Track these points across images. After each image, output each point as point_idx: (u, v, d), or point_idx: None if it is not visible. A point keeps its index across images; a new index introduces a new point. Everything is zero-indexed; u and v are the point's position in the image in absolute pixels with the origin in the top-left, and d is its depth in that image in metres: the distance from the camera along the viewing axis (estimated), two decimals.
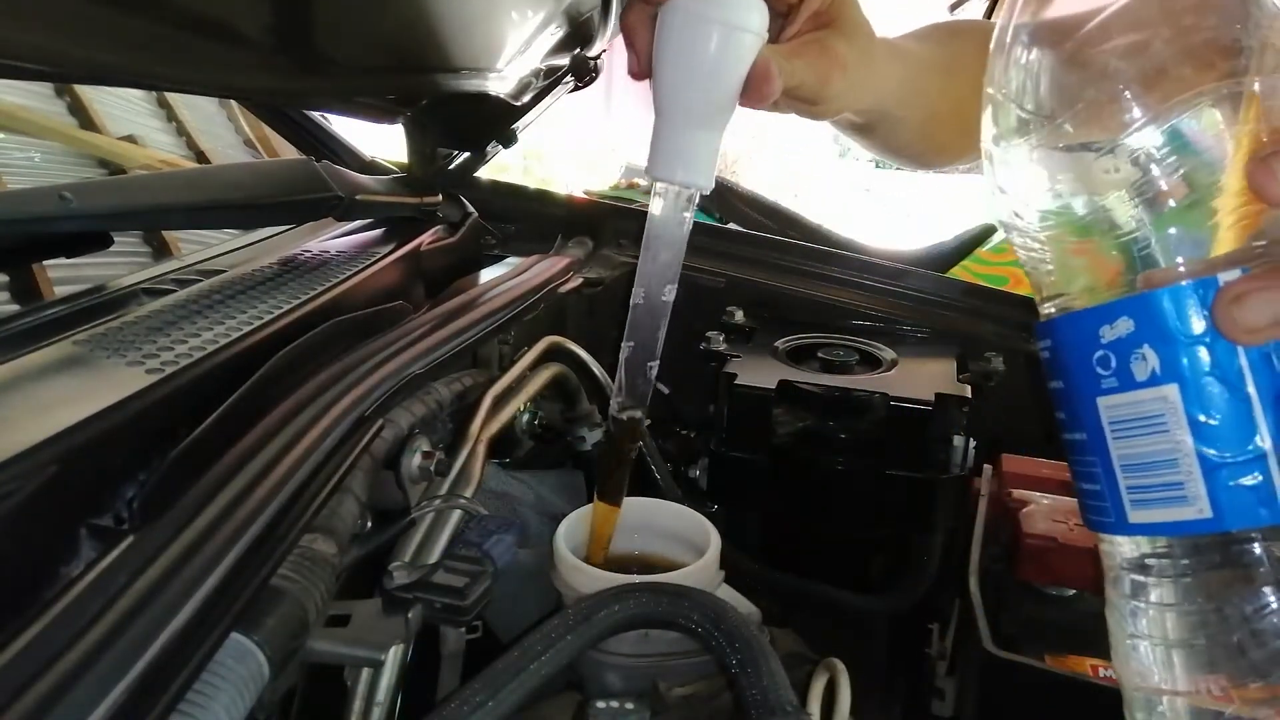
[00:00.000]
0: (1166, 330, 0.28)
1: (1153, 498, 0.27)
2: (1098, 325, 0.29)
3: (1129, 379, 0.28)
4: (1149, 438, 0.28)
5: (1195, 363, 0.27)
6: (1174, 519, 0.27)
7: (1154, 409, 0.28)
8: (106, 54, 0.47)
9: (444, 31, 0.74)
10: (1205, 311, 0.27)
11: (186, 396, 0.45)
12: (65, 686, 0.30)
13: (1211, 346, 0.27)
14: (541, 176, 5.15)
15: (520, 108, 0.90)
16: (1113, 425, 0.29)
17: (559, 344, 0.81)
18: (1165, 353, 0.28)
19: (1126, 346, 0.28)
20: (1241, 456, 0.26)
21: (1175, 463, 0.27)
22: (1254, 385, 0.27)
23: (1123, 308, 0.29)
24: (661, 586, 0.49)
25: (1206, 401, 0.27)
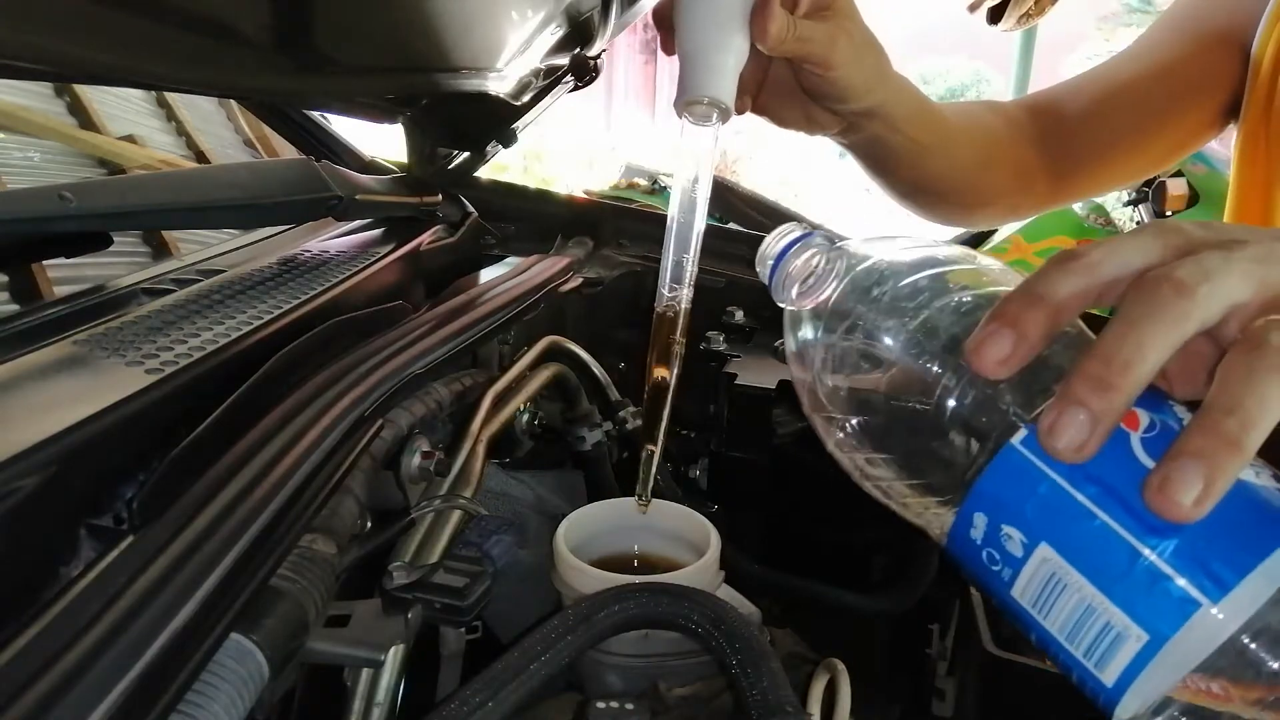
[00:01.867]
0: (1006, 504, 0.29)
1: (1104, 651, 0.27)
2: (967, 532, 0.30)
3: (1014, 560, 0.29)
4: (1061, 598, 0.28)
5: (1044, 516, 0.28)
6: (1129, 659, 0.27)
7: (1046, 572, 0.28)
8: (106, 54, 0.47)
9: (444, 31, 0.74)
10: (1023, 466, 0.28)
11: (186, 396, 0.45)
12: (65, 687, 0.30)
13: (1047, 496, 0.28)
14: (541, 176, 5.16)
15: (520, 107, 0.90)
16: (1035, 608, 0.29)
17: (559, 344, 0.81)
18: (1019, 522, 0.29)
19: (994, 535, 0.29)
20: (1134, 573, 0.26)
21: (1093, 609, 0.27)
22: (1099, 507, 0.27)
23: (970, 506, 0.30)
24: (662, 587, 0.49)
25: (1075, 543, 0.27)
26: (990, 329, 0.29)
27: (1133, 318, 0.27)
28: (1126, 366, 0.27)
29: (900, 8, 7.65)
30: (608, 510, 0.63)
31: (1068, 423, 0.27)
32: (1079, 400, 0.27)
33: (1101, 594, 0.27)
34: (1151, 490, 0.26)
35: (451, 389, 0.67)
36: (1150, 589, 0.26)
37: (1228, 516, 0.26)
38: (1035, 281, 0.30)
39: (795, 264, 0.39)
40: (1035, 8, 1.45)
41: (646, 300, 1.00)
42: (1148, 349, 0.27)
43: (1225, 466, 0.25)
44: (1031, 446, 0.29)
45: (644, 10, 0.96)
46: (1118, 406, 0.27)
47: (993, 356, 0.29)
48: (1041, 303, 0.29)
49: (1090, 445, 0.27)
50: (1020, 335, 0.29)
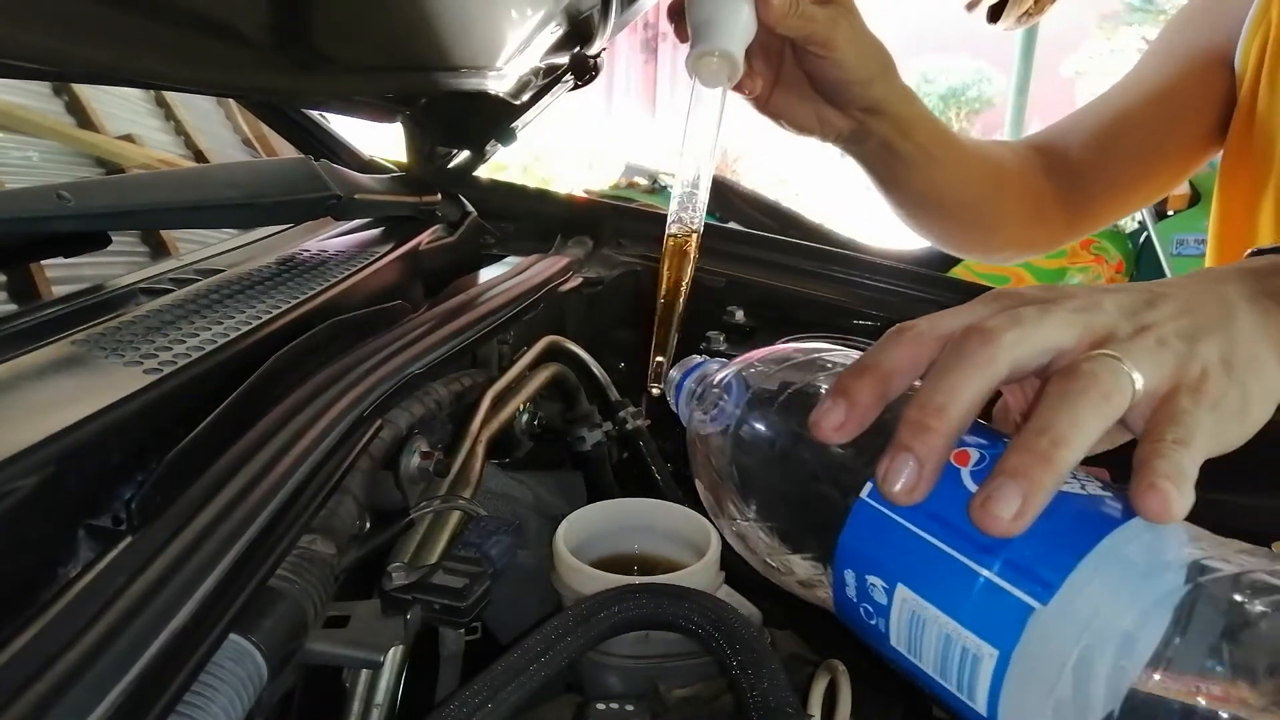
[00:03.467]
0: (866, 555, 0.31)
1: (969, 678, 0.28)
2: (843, 592, 0.33)
3: (884, 609, 0.31)
4: (925, 635, 0.30)
5: (896, 557, 0.30)
6: (989, 679, 0.28)
7: (909, 612, 0.30)
8: (106, 53, 0.47)
9: (443, 30, 0.74)
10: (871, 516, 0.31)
11: (185, 397, 0.45)
12: (63, 687, 0.30)
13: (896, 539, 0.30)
14: (541, 176, 5.16)
15: (520, 106, 0.90)
16: (910, 652, 0.31)
17: (558, 344, 0.81)
18: (878, 570, 0.31)
19: (864, 588, 0.32)
20: (975, 593, 0.28)
21: (951, 638, 0.29)
22: (939, 539, 0.29)
23: (840, 565, 0.33)
24: (662, 588, 0.48)
25: (925, 577, 0.29)
26: (828, 403, 0.32)
27: (946, 366, 0.31)
28: (941, 410, 0.30)
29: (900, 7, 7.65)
30: (608, 510, 0.63)
31: (898, 468, 0.30)
32: (905, 446, 0.30)
33: (954, 620, 0.28)
34: (975, 509, 0.28)
35: (451, 389, 0.67)
36: (990, 605, 0.28)
37: (1050, 526, 0.27)
38: (867, 354, 0.33)
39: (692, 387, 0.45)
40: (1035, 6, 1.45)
41: (646, 300, 1.00)
42: (958, 391, 0.30)
43: (1040, 480, 0.27)
44: (876, 497, 0.31)
45: (644, 9, 0.96)
46: (938, 446, 0.29)
47: (829, 424, 0.32)
48: (869, 373, 0.32)
49: (921, 486, 0.29)
50: (851, 404, 0.32)
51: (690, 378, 0.45)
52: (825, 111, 0.63)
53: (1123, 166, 0.79)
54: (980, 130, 8.10)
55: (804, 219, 2.32)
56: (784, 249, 1.03)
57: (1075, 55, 7.29)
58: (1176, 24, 0.82)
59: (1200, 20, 0.79)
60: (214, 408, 0.45)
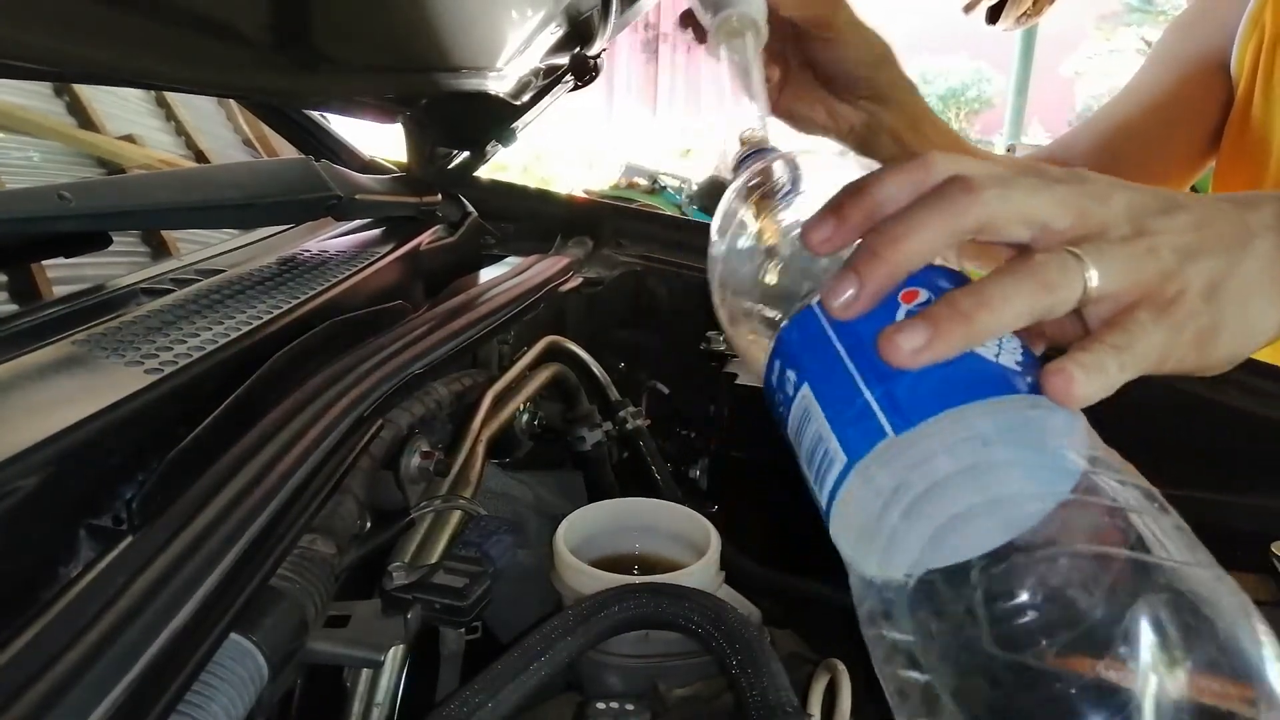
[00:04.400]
0: (792, 351, 0.34)
1: (823, 473, 0.32)
2: (770, 377, 0.36)
3: (788, 399, 0.34)
4: (808, 431, 0.33)
5: (811, 360, 0.33)
6: (834, 479, 0.31)
7: (803, 408, 0.33)
8: (106, 54, 0.47)
9: (443, 31, 0.74)
10: (810, 324, 0.33)
11: (185, 396, 0.45)
12: (64, 687, 0.30)
13: (818, 345, 0.33)
14: (541, 176, 5.16)
15: (520, 107, 0.90)
16: (795, 440, 0.34)
17: (558, 344, 0.81)
18: (795, 366, 0.34)
19: (781, 379, 0.35)
20: (853, 408, 0.31)
21: (822, 438, 0.32)
22: (848, 355, 0.32)
23: (773, 353, 0.35)
24: (662, 587, 0.49)
25: (824, 384, 0.32)
26: (819, 214, 0.33)
27: (918, 204, 0.31)
28: (894, 241, 0.30)
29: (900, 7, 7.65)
30: (608, 510, 0.63)
31: (842, 287, 0.31)
32: (853, 267, 0.31)
33: (828, 424, 0.31)
34: (883, 335, 0.29)
35: (451, 389, 0.67)
36: (858, 421, 0.30)
37: (942, 374, 0.29)
38: (871, 175, 0.34)
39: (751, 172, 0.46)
40: (1033, 7, 1.46)
41: (646, 300, 1.01)
42: (920, 229, 0.31)
43: (949, 331, 0.29)
44: (820, 306, 0.33)
45: (644, 9, 0.96)
46: (880, 275, 0.31)
47: (816, 236, 0.33)
48: (865, 195, 0.33)
49: (855, 308, 0.31)
50: (840, 220, 0.33)
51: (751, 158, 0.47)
52: (835, 106, 0.63)
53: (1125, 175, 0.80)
54: (980, 130, 8.10)
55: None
56: None
57: (1074, 55, 7.29)
58: (1173, 32, 0.82)
59: (1197, 27, 0.79)
60: (215, 407, 0.45)
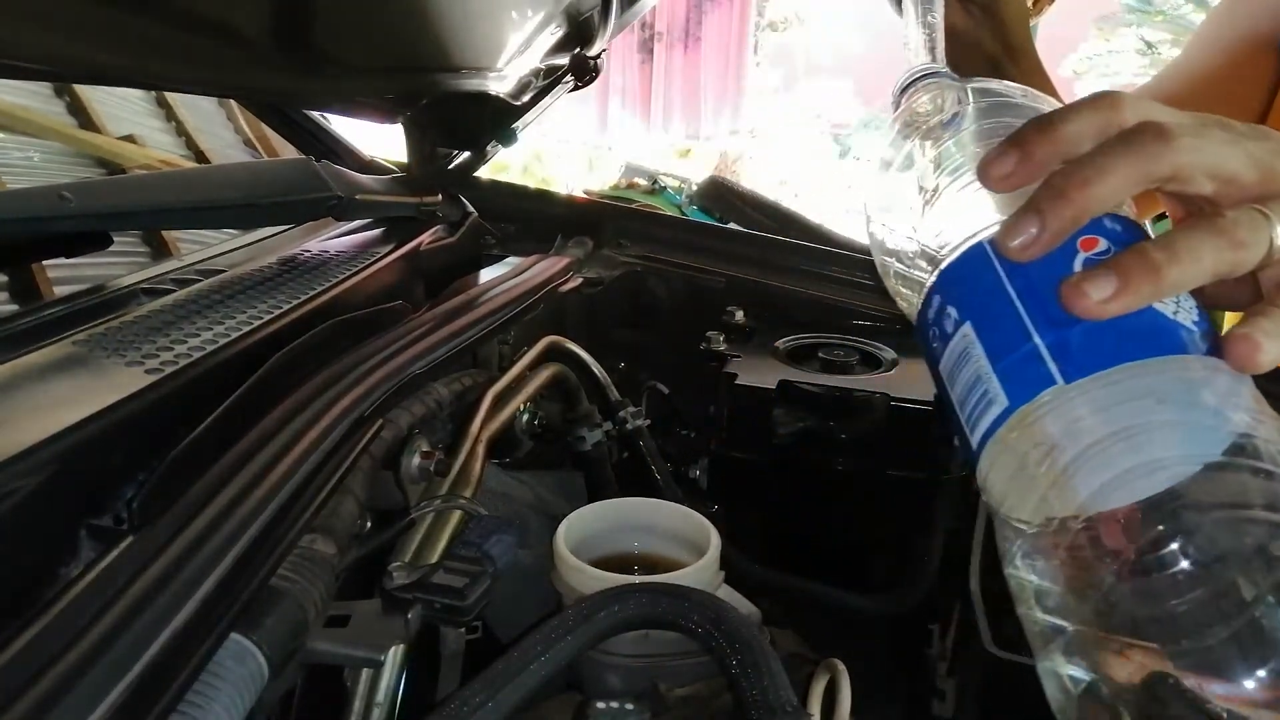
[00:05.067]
0: (956, 287, 0.33)
1: (978, 414, 0.31)
2: (925, 310, 0.35)
3: (946, 336, 0.33)
4: (965, 369, 0.32)
5: (977, 299, 0.32)
6: (990, 421, 0.30)
7: (962, 346, 0.32)
8: (106, 54, 0.47)
9: (444, 31, 0.74)
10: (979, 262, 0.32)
11: (186, 396, 0.45)
12: (65, 686, 0.30)
13: (986, 283, 0.32)
14: (541, 176, 5.15)
15: (520, 107, 0.90)
16: (948, 378, 0.33)
17: (559, 344, 0.81)
18: (958, 303, 0.33)
19: (940, 315, 0.34)
20: (1020, 352, 0.30)
21: (981, 379, 0.31)
22: (1019, 297, 0.31)
23: (933, 287, 0.35)
24: (662, 587, 0.49)
25: (989, 324, 0.31)
26: (1001, 148, 0.31)
27: (1110, 146, 0.30)
28: (1084, 183, 0.29)
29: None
30: (608, 510, 0.63)
31: (1022, 226, 0.29)
32: (1035, 207, 0.29)
33: (989, 366, 0.31)
34: (1068, 283, 0.28)
35: (452, 389, 0.67)
36: (1024, 366, 0.30)
37: (1119, 327, 0.29)
38: (1056, 112, 0.32)
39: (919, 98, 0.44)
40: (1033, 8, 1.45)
41: (646, 300, 1.01)
42: (1109, 173, 0.29)
43: (1138, 285, 0.28)
44: (991, 243, 0.32)
45: (644, 10, 0.96)
46: (1066, 217, 0.29)
47: (996, 172, 0.31)
48: (1050, 130, 0.31)
49: (1033, 249, 0.30)
50: (1024, 156, 0.31)
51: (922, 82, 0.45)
52: None
53: None
54: None
55: (804, 219, 2.32)
56: (784, 249, 1.03)
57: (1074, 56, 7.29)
58: (1219, 13, 0.82)
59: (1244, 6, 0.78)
60: (215, 408, 0.45)
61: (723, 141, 5.55)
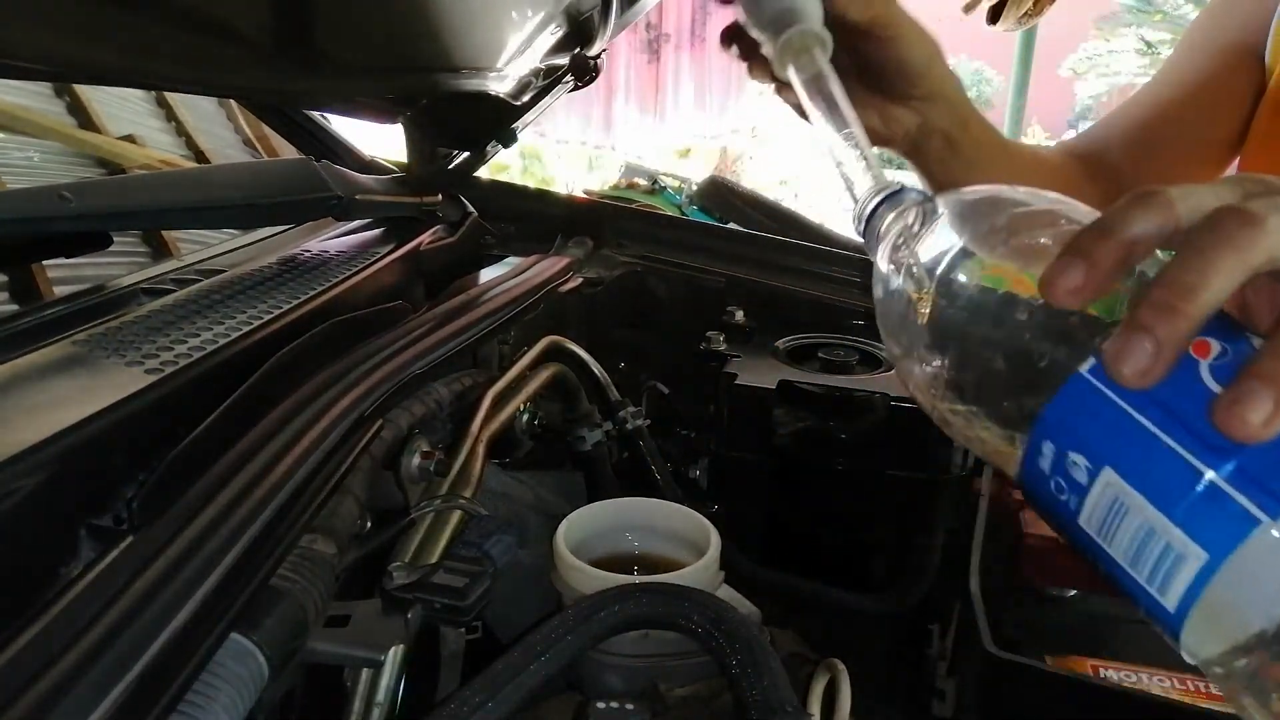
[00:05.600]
0: (1072, 431, 0.30)
1: (1166, 573, 0.28)
2: (1036, 462, 0.31)
3: (1080, 488, 0.30)
4: (1124, 523, 0.28)
5: (1108, 440, 0.29)
6: (1189, 580, 0.27)
7: (1110, 496, 0.29)
8: (106, 54, 0.47)
9: (444, 31, 0.74)
10: (1088, 391, 0.29)
11: (186, 396, 0.45)
12: (65, 686, 0.30)
13: (1111, 420, 0.28)
14: (541, 176, 5.15)
15: (520, 107, 0.90)
16: (1100, 535, 0.29)
17: (559, 344, 0.81)
18: (1084, 448, 0.29)
19: (1061, 463, 0.30)
20: (1194, 493, 0.27)
21: (1154, 531, 0.27)
22: (1162, 430, 0.28)
23: (1039, 434, 0.31)
24: (662, 587, 0.49)
25: (1138, 466, 0.28)
26: (1064, 260, 0.29)
27: (1200, 245, 0.28)
28: (1191, 291, 0.27)
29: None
30: (608, 510, 0.63)
31: (1133, 348, 0.27)
32: (1144, 326, 0.27)
33: (1163, 515, 0.27)
34: (1221, 409, 0.26)
35: (452, 389, 0.67)
36: (1209, 508, 0.26)
37: None
38: (1110, 215, 0.30)
39: (888, 219, 0.40)
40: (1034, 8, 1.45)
41: (646, 300, 1.01)
42: (1212, 275, 0.27)
43: None
44: (1098, 374, 0.29)
45: (644, 10, 0.96)
46: (1182, 332, 0.27)
47: (1065, 285, 0.29)
48: (1114, 235, 0.29)
49: (1155, 370, 0.27)
50: (1091, 265, 0.29)
51: (886, 206, 0.41)
52: (889, 109, 0.63)
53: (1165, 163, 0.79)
54: None
55: (804, 219, 2.32)
56: (784, 249, 1.03)
57: (1073, 56, 7.29)
58: (1206, 18, 0.81)
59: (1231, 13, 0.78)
60: (215, 407, 0.45)
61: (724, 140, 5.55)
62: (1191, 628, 0.27)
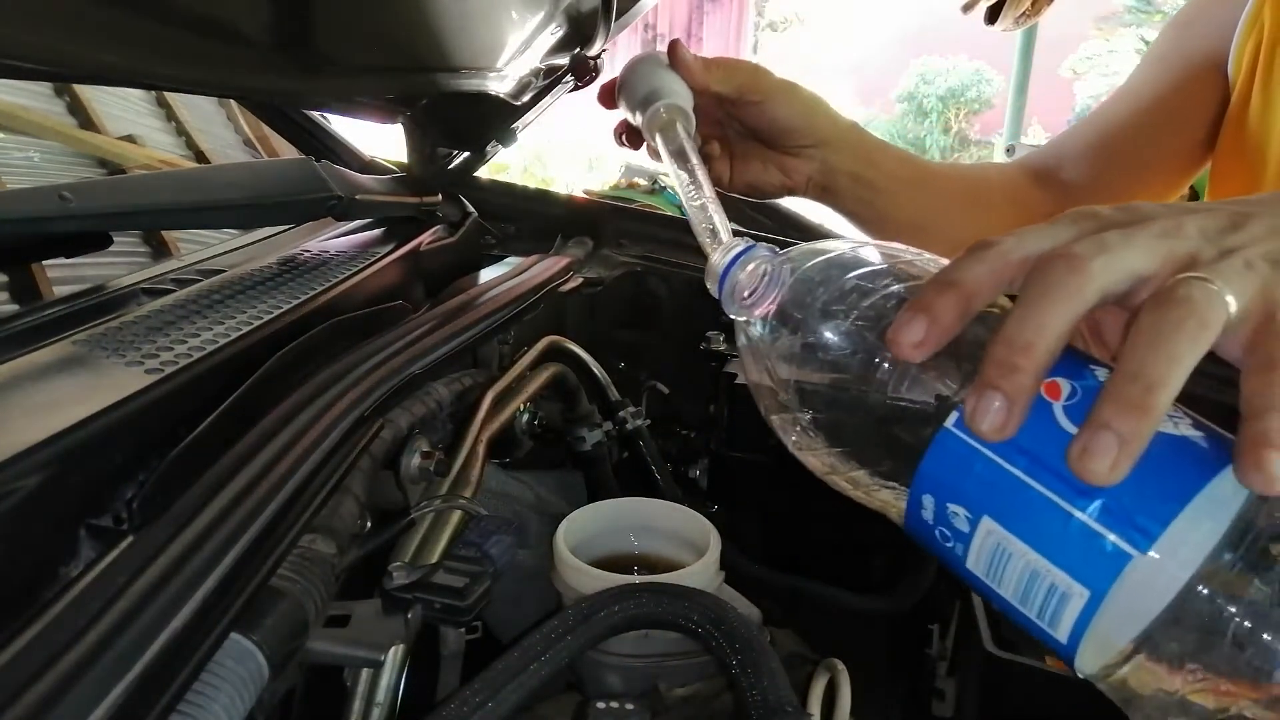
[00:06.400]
0: (948, 483, 0.31)
1: (1054, 611, 0.29)
2: (919, 513, 0.32)
3: (963, 535, 0.30)
4: (1009, 566, 0.29)
5: (983, 490, 0.30)
6: (1076, 616, 0.28)
7: (992, 543, 0.30)
8: (106, 54, 0.47)
9: (444, 31, 0.74)
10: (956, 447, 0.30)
11: (186, 396, 0.45)
12: (64, 687, 0.30)
13: (983, 472, 0.29)
14: (541, 176, 5.15)
15: (520, 107, 0.90)
16: (989, 578, 0.30)
17: (559, 344, 0.81)
18: (961, 499, 0.30)
19: (943, 514, 0.31)
20: (1069, 535, 0.28)
21: (1038, 573, 0.28)
22: (1030, 477, 0.29)
23: (917, 489, 0.32)
24: (662, 587, 0.49)
25: (1014, 513, 0.29)
26: (906, 315, 0.31)
27: (1030, 298, 0.29)
28: (1028, 347, 0.28)
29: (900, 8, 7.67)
30: (608, 510, 0.63)
31: (985, 406, 0.28)
32: (991, 384, 0.29)
33: (1043, 558, 0.28)
34: (1073, 459, 0.27)
35: (452, 389, 0.67)
36: (1085, 548, 0.27)
37: (1149, 469, 0.27)
38: (949, 268, 0.32)
39: (740, 276, 0.41)
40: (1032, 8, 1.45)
41: (647, 300, 1.01)
42: (1046, 327, 0.28)
43: (1137, 430, 0.26)
44: (962, 427, 0.30)
45: (645, 9, 0.96)
46: (1027, 385, 0.28)
47: (908, 340, 0.30)
48: (953, 288, 0.31)
49: (1010, 424, 0.29)
50: (932, 319, 0.30)
51: (738, 265, 0.41)
52: (786, 162, 0.67)
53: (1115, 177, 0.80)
54: (980, 131, 8.10)
55: (803, 219, 2.32)
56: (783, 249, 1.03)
57: (1073, 56, 7.29)
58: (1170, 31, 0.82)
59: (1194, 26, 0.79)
60: (215, 407, 0.45)
61: None
62: (1082, 653, 0.29)
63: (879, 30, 1.64)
